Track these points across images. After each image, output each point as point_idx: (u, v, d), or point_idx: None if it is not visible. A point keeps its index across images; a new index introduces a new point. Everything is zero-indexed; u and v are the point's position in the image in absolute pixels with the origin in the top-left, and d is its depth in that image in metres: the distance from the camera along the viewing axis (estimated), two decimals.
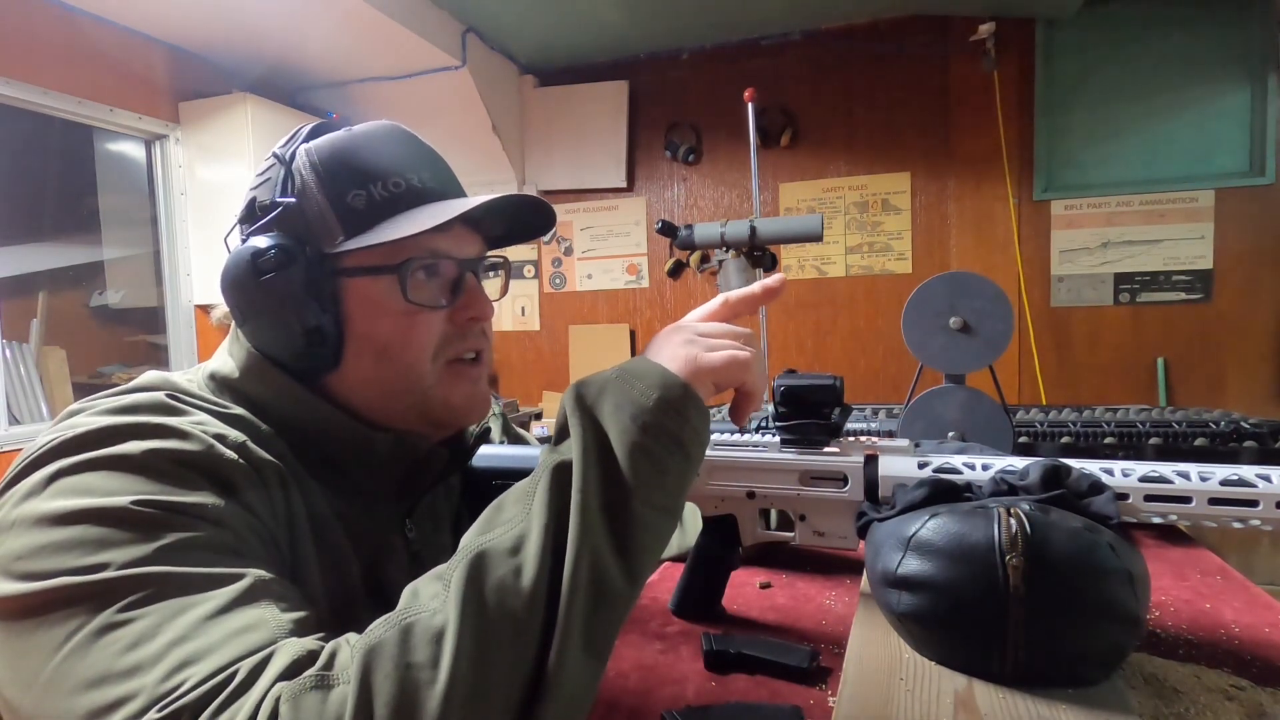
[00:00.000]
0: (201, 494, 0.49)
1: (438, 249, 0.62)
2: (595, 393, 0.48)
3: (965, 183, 3.30)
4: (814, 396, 0.65)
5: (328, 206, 0.60)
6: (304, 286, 0.58)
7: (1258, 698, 0.55)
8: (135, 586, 0.43)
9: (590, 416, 0.47)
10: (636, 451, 0.45)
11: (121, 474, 0.48)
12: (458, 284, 0.64)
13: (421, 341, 0.62)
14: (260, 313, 0.60)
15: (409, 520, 0.68)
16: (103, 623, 0.41)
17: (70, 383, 2.97)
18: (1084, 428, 1.19)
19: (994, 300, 1.09)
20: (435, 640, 0.39)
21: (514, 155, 3.80)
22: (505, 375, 4.17)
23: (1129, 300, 3.19)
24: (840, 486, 0.65)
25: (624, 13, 3.24)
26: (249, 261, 0.59)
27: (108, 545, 0.44)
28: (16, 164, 3.13)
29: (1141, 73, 3.11)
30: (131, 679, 0.39)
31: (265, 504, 0.53)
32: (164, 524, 0.46)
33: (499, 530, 0.44)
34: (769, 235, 1.87)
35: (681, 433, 0.47)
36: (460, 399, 0.65)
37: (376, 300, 0.60)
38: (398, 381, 0.62)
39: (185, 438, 0.51)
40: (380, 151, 0.62)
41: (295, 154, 0.62)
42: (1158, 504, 0.54)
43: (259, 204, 0.61)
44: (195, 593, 0.43)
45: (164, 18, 2.79)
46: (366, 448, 0.62)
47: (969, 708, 0.51)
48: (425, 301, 0.61)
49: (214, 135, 3.07)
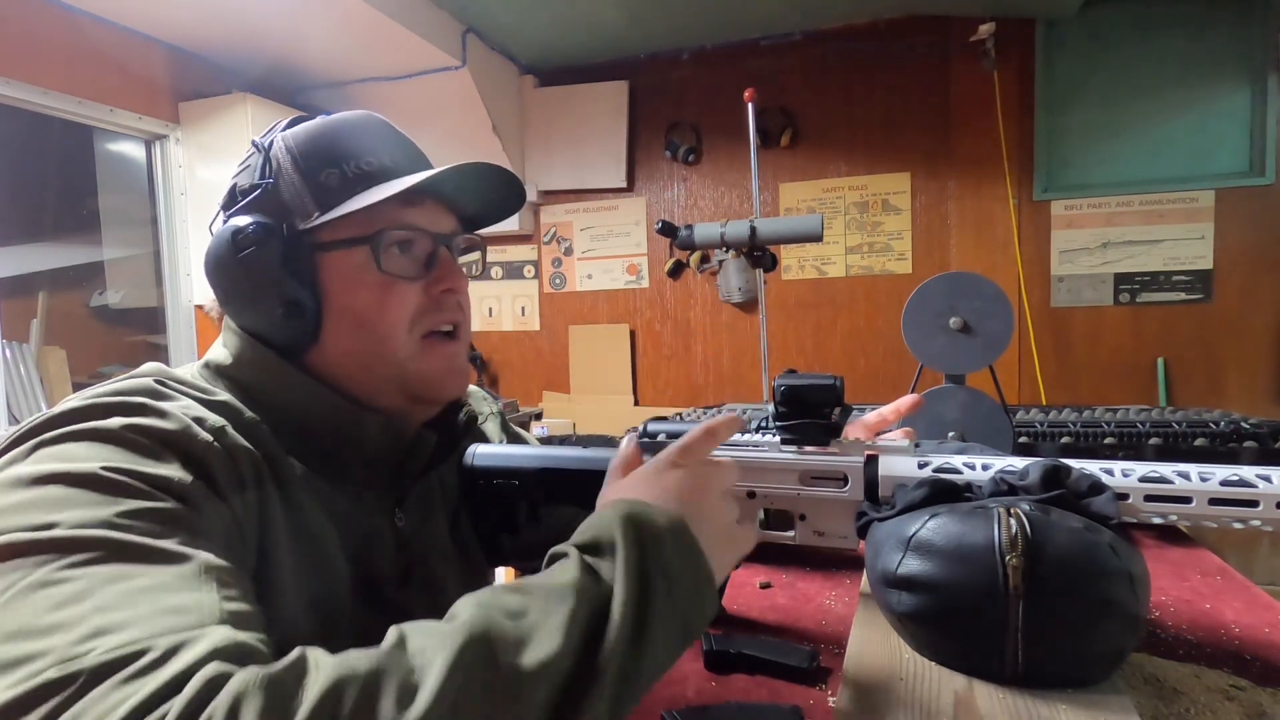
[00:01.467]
0: (171, 468, 0.50)
1: (412, 223, 0.64)
2: (663, 562, 0.46)
3: (965, 183, 3.30)
4: (814, 396, 0.65)
5: (302, 185, 0.62)
6: (281, 261, 0.61)
7: (1258, 698, 0.55)
8: (81, 547, 0.43)
9: (645, 583, 0.44)
10: (673, 642, 0.45)
11: (98, 444, 0.49)
12: (432, 257, 0.66)
13: (397, 312, 0.64)
14: (241, 290, 0.62)
15: (399, 509, 0.69)
16: (40, 578, 0.41)
17: (70, 383, 2.97)
18: (1084, 428, 1.19)
19: (994, 300, 1.09)
20: (409, 695, 0.37)
21: (514, 155, 3.80)
22: (505, 375, 4.17)
23: (1129, 300, 3.19)
24: (840, 486, 0.64)
25: (624, 13, 3.24)
26: (229, 240, 0.61)
27: (66, 505, 0.45)
28: (16, 164, 3.13)
29: (1141, 73, 3.11)
30: (48, 637, 0.39)
31: (236, 490, 0.54)
32: (128, 490, 0.47)
33: (512, 622, 0.41)
34: (769, 235, 1.87)
35: (703, 629, 0.49)
36: (436, 371, 0.67)
37: (352, 272, 0.63)
38: (375, 353, 0.64)
39: (164, 416, 0.52)
40: (354, 134, 0.65)
41: (273, 141, 0.65)
42: (1158, 504, 0.54)
43: (239, 189, 0.65)
44: (140, 563, 0.43)
45: (164, 18, 2.79)
46: (355, 430, 0.64)
47: (969, 708, 0.51)
48: (400, 272, 0.64)
49: (214, 135, 3.06)
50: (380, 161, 0.64)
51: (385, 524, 0.67)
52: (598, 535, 0.47)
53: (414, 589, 0.68)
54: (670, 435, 1.21)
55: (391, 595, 0.66)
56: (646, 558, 0.45)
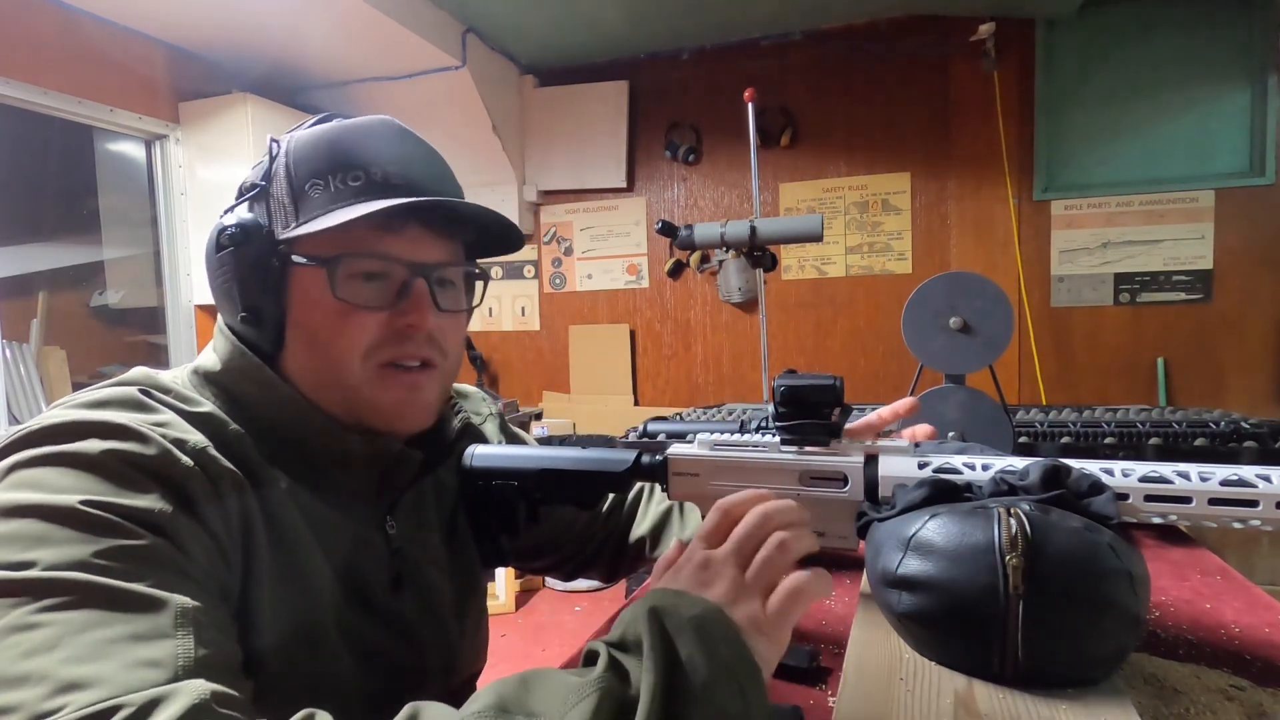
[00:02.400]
0: (150, 498, 0.49)
1: (384, 250, 0.61)
2: (702, 653, 0.41)
3: (965, 183, 3.30)
4: (814, 396, 0.65)
5: (288, 192, 0.62)
6: (252, 266, 0.60)
7: (1258, 698, 0.55)
8: (56, 590, 0.42)
9: (673, 679, 0.40)
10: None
11: (75, 471, 0.48)
12: (405, 287, 0.62)
13: (352, 339, 0.61)
14: (217, 287, 0.63)
15: (390, 516, 0.68)
16: (13, 622, 0.41)
17: (70, 383, 2.97)
18: (1084, 428, 1.19)
19: (994, 300, 1.09)
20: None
21: (514, 155, 3.81)
22: (505, 375, 4.17)
23: (1129, 300, 3.19)
24: (840, 486, 0.64)
25: (624, 13, 3.24)
26: (215, 236, 0.62)
27: (43, 543, 0.44)
28: (16, 164, 3.13)
29: (1141, 73, 3.10)
30: (18, 689, 0.38)
31: (218, 514, 0.53)
32: (106, 527, 0.46)
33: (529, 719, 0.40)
34: (769, 235, 1.87)
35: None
36: (390, 403, 0.63)
37: (309, 291, 0.61)
38: (327, 373, 0.62)
39: (144, 441, 0.51)
40: (357, 144, 0.62)
41: (287, 140, 0.64)
42: (1158, 504, 0.54)
43: (243, 185, 0.65)
44: (114, 610, 0.43)
45: (164, 18, 2.79)
46: (339, 444, 0.63)
47: (969, 708, 0.51)
48: (359, 301, 0.61)
49: (214, 135, 3.06)
50: (369, 177, 0.61)
51: (376, 533, 0.67)
52: (625, 632, 0.43)
53: (406, 596, 0.68)
54: (670, 435, 1.21)
55: (384, 603, 0.65)
56: (674, 650, 0.41)
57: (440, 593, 0.71)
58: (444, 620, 0.71)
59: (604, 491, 0.77)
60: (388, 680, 0.64)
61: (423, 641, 0.68)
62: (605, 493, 0.80)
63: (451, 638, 0.72)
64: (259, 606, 0.55)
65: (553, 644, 2.85)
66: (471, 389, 0.93)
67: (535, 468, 0.74)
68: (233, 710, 0.41)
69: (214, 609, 0.48)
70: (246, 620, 0.53)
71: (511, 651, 2.79)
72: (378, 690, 0.63)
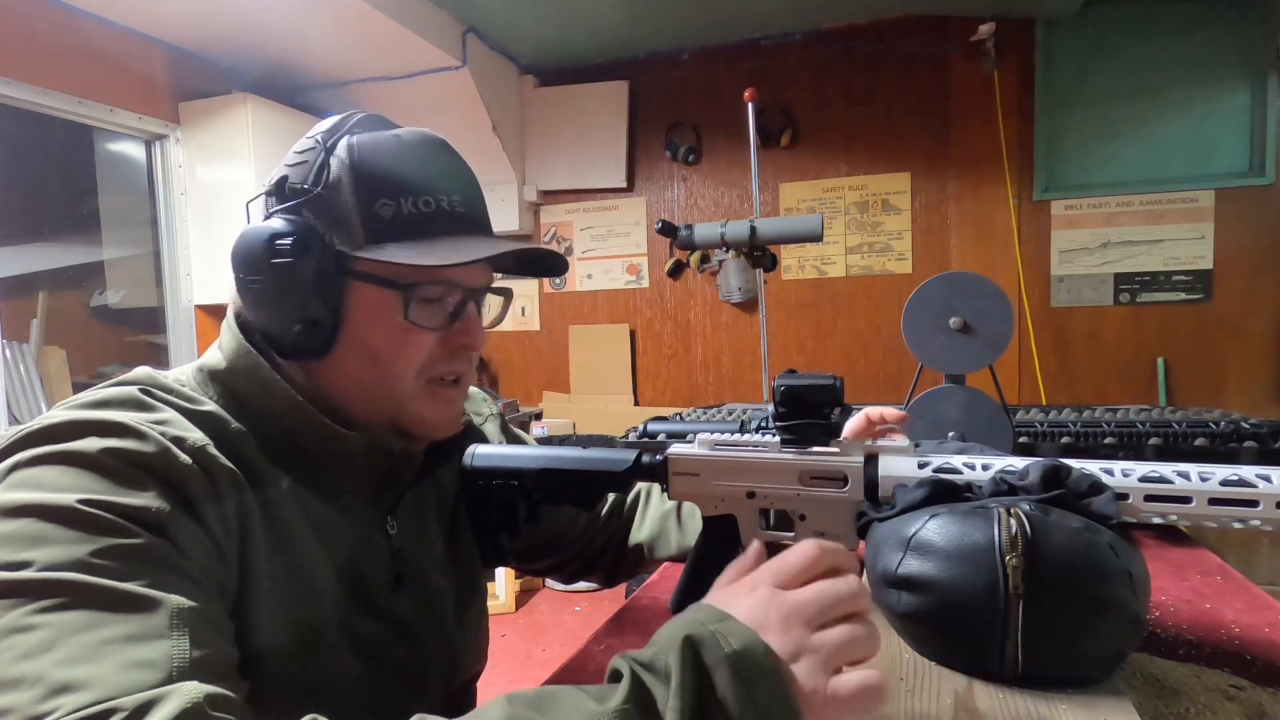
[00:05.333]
0: (149, 496, 0.49)
1: (450, 278, 0.63)
2: (737, 695, 0.38)
3: (965, 183, 3.30)
4: (814, 396, 0.65)
5: (355, 208, 0.60)
6: (313, 278, 0.59)
7: (1258, 698, 0.55)
8: (53, 591, 0.42)
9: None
10: None
11: (74, 470, 0.48)
12: (459, 309, 0.65)
13: (411, 357, 0.63)
14: (265, 292, 0.61)
15: (391, 516, 0.68)
16: (9, 624, 0.41)
17: (70, 383, 2.97)
18: (1084, 428, 1.19)
19: (994, 300, 1.09)
20: None
21: (514, 155, 3.81)
22: (505, 375, 4.17)
23: (1129, 300, 3.19)
24: (840, 486, 0.64)
25: (624, 13, 3.24)
26: (266, 241, 0.59)
27: (41, 543, 0.44)
28: (16, 164, 3.13)
29: (1141, 73, 3.10)
30: (13, 692, 0.38)
31: (217, 513, 0.53)
32: (103, 526, 0.46)
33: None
34: (769, 235, 1.87)
35: None
36: (433, 416, 0.66)
37: (378, 310, 0.62)
38: (379, 388, 0.63)
39: (143, 438, 0.51)
40: (419, 164, 0.63)
41: (337, 144, 0.62)
42: (1158, 504, 0.54)
43: (290, 184, 0.62)
44: (110, 611, 0.43)
45: (164, 18, 2.79)
46: (340, 446, 0.63)
47: (969, 708, 0.51)
48: (424, 323, 0.63)
49: (214, 135, 3.06)
50: (438, 204, 0.62)
51: (377, 533, 0.67)
52: (654, 657, 0.40)
53: (407, 596, 0.68)
54: (670, 435, 1.21)
55: (384, 603, 0.65)
56: (707, 684, 0.38)
57: (441, 593, 0.71)
58: (445, 620, 0.71)
59: (604, 491, 0.77)
60: (388, 681, 0.64)
61: (423, 642, 0.68)
62: (605, 492, 0.80)
63: (452, 638, 0.72)
64: (258, 606, 0.55)
65: (553, 644, 2.84)
66: (472, 389, 0.93)
67: (536, 467, 0.74)
68: (227, 712, 0.40)
69: (211, 609, 0.48)
70: (245, 620, 0.53)
71: (511, 651, 2.79)
72: (378, 690, 0.63)
